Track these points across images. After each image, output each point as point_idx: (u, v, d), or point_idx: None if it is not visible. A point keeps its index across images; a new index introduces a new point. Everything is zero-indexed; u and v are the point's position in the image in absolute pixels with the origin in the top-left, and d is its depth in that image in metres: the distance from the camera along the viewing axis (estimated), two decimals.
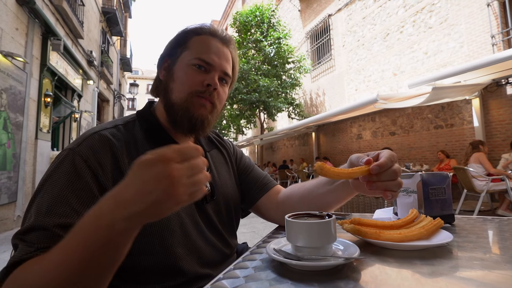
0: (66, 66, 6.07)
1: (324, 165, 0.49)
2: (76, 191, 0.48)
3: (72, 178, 0.49)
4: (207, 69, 0.62)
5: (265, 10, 9.36)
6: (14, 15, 4.14)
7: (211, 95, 0.61)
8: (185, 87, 0.60)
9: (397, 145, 6.67)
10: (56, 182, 0.49)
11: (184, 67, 0.61)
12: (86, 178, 0.50)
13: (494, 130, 4.92)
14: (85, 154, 0.51)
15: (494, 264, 0.41)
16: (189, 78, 0.60)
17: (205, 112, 0.61)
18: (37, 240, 0.43)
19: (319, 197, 0.66)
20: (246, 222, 3.88)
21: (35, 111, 4.75)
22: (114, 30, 10.92)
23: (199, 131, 0.63)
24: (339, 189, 0.62)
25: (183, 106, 0.60)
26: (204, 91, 0.61)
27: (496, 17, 4.78)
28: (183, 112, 0.60)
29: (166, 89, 0.63)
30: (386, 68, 7.00)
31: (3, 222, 3.87)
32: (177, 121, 0.61)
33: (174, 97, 0.61)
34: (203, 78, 0.61)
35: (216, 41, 0.64)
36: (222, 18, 20.96)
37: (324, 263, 0.41)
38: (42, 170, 4.92)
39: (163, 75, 0.65)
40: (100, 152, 0.53)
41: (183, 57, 0.62)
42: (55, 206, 0.46)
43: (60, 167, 0.51)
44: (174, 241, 0.56)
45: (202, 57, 0.61)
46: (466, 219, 0.71)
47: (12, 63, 3.99)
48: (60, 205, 0.46)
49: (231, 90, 0.72)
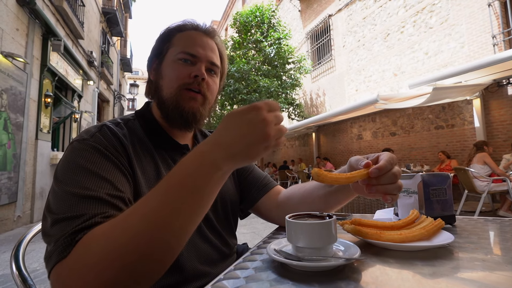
0: (67, 66, 6.08)
1: (321, 171, 0.48)
2: (109, 169, 0.48)
3: (97, 157, 0.49)
4: (193, 62, 0.62)
5: (265, 11, 9.37)
6: (14, 16, 4.14)
7: (200, 86, 0.61)
8: (173, 82, 0.61)
9: (397, 146, 6.66)
10: (86, 162, 0.47)
11: (170, 63, 0.62)
12: (111, 158, 0.50)
13: (495, 131, 4.91)
14: (101, 143, 0.51)
15: (496, 265, 0.41)
16: (176, 72, 0.61)
17: (196, 104, 0.62)
18: (98, 208, 0.42)
19: (319, 198, 0.66)
20: (246, 223, 3.87)
21: (35, 111, 4.75)
22: (114, 30, 10.94)
23: (192, 124, 0.63)
24: (339, 191, 0.62)
25: (173, 101, 0.61)
26: (192, 83, 0.61)
27: (497, 17, 4.78)
28: (174, 106, 0.60)
29: (157, 88, 0.64)
30: (387, 69, 7.00)
31: (3, 222, 3.87)
32: (170, 116, 0.62)
33: (164, 93, 0.62)
34: (190, 70, 0.61)
35: (200, 34, 0.65)
36: (222, 18, 20.99)
37: (324, 264, 0.41)
38: (42, 170, 4.92)
39: (153, 76, 0.66)
40: (114, 142, 0.54)
41: (169, 54, 0.63)
42: (97, 182, 0.45)
43: (81, 152, 0.49)
44: None
45: (186, 50, 0.62)
46: (467, 220, 0.71)
47: (13, 63, 3.99)
48: (102, 181, 0.46)
49: (223, 82, 0.72)
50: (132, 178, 0.53)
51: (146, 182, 0.55)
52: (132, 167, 0.54)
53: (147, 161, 0.58)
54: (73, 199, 0.43)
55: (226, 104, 9.80)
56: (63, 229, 0.40)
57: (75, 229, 0.39)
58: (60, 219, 0.41)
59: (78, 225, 0.40)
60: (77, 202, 0.42)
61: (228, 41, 10.36)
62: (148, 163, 0.58)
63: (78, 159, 0.48)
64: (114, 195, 0.45)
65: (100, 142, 0.51)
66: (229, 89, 8.72)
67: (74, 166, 0.47)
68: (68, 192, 0.44)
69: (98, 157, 0.49)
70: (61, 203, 0.43)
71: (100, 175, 0.46)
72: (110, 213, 0.43)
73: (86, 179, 0.45)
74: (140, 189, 0.53)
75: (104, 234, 0.38)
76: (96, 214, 0.41)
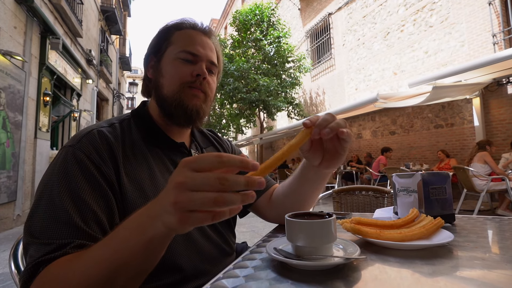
0: (65, 65, 6.06)
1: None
2: (88, 184, 0.49)
3: (77, 173, 0.49)
4: (193, 61, 0.63)
5: (265, 9, 9.33)
6: (12, 14, 4.12)
7: (202, 85, 0.63)
8: (175, 80, 0.61)
9: (397, 145, 6.67)
10: (65, 180, 0.48)
11: (171, 61, 0.62)
12: (92, 171, 0.50)
13: (494, 130, 4.92)
14: (86, 149, 0.52)
15: (495, 264, 0.41)
16: (178, 70, 0.62)
17: (199, 102, 0.63)
18: (69, 236, 0.44)
19: (297, 187, 0.68)
20: (245, 222, 3.88)
21: (34, 110, 4.74)
22: (113, 29, 10.90)
23: (196, 122, 0.64)
24: (308, 172, 0.63)
25: (176, 98, 0.61)
26: (195, 81, 0.62)
27: (497, 16, 4.77)
28: (177, 104, 0.61)
29: (157, 85, 0.64)
30: (387, 67, 6.99)
31: (3, 221, 3.87)
32: (173, 114, 0.62)
33: (166, 91, 0.62)
34: (191, 69, 0.62)
35: (198, 33, 0.65)
36: (222, 17, 20.91)
37: (324, 263, 0.41)
38: (42, 169, 4.91)
39: (151, 73, 0.66)
40: (101, 147, 0.53)
41: (168, 52, 0.63)
42: (73, 203, 0.46)
43: (64, 165, 0.50)
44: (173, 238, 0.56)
45: (188, 49, 0.62)
46: (467, 218, 0.71)
47: (11, 62, 3.97)
48: (78, 201, 0.47)
49: (219, 79, 0.73)
50: (117, 185, 0.53)
51: (134, 186, 0.55)
52: (118, 172, 0.53)
53: (139, 164, 0.57)
54: (48, 221, 0.44)
55: (225, 103, 9.78)
56: (32, 254, 0.43)
57: (41, 259, 0.41)
58: (32, 242, 0.44)
59: (44, 254, 0.42)
60: (50, 225, 0.44)
61: (228, 39, 10.33)
62: (140, 164, 0.58)
63: (60, 171, 0.49)
64: (88, 221, 0.46)
65: (84, 149, 0.51)
66: (229, 88, 8.70)
67: (55, 180, 0.48)
68: (45, 210, 0.45)
69: (78, 171, 0.49)
70: (37, 221, 0.45)
71: (78, 194, 0.47)
72: (81, 242, 0.44)
73: (64, 198, 0.46)
74: (126, 194, 0.53)
75: (58, 277, 0.39)
76: (65, 244, 0.43)
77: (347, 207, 1.37)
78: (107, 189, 0.51)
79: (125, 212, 0.52)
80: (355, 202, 1.36)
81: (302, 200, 0.69)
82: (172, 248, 0.55)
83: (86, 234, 0.45)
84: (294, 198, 0.69)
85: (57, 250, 0.42)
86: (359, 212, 1.32)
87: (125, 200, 0.53)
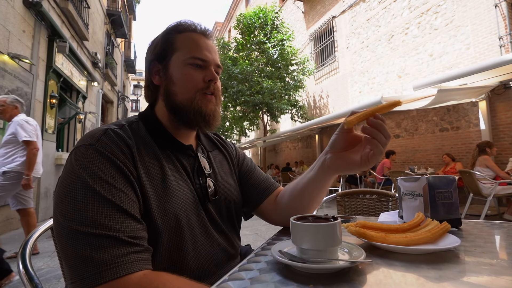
0: (71, 67, 6.15)
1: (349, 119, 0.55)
2: (122, 176, 0.51)
3: (108, 168, 0.50)
4: (203, 66, 0.64)
5: (269, 12, 9.38)
6: (21, 18, 4.21)
7: (213, 89, 0.65)
8: (189, 88, 0.62)
9: (401, 148, 6.61)
10: (96, 175, 0.49)
11: (181, 68, 0.63)
12: (120, 166, 0.52)
13: (501, 133, 4.85)
14: (108, 147, 0.52)
15: (503, 270, 0.41)
16: (190, 78, 0.62)
17: (213, 106, 0.65)
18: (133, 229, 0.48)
19: (303, 188, 0.68)
20: (248, 224, 3.87)
21: (40, 112, 4.81)
22: (119, 32, 11.04)
23: (213, 125, 0.66)
24: (317, 173, 0.64)
25: (193, 106, 0.62)
26: (208, 87, 0.64)
27: (504, 18, 4.73)
28: (195, 111, 0.62)
29: (168, 93, 0.64)
30: (391, 70, 6.96)
31: (9, 221, 3.91)
32: (192, 121, 0.63)
33: (180, 98, 0.62)
34: (203, 75, 0.63)
35: (201, 37, 0.66)
36: (226, 20, 21.07)
37: (329, 266, 0.41)
38: (47, 170, 4.97)
39: (157, 80, 0.65)
40: (121, 145, 0.54)
41: (175, 59, 0.63)
42: (112, 215, 0.48)
43: (89, 162, 0.50)
44: (181, 238, 0.57)
45: (196, 55, 0.63)
46: (473, 223, 0.70)
47: (19, 64, 4.05)
48: (117, 213, 0.48)
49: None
50: (138, 182, 0.54)
51: (150, 184, 0.55)
52: (137, 169, 0.54)
53: (152, 163, 0.58)
54: (87, 251, 0.44)
55: (229, 105, 9.81)
56: (106, 246, 0.45)
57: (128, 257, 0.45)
58: (101, 234, 0.45)
59: (130, 253, 0.46)
60: (93, 255, 0.44)
61: (232, 42, 10.39)
62: (153, 164, 0.58)
63: (87, 168, 0.49)
64: (132, 236, 0.48)
65: (106, 147, 0.52)
66: (232, 90, 8.73)
67: (82, 188, 0.47)
68: (81, 233, 0.45)
69: (107, 166, 0.50)
70: (74, 261, 0.44)
71: (113, 202, 0.48)
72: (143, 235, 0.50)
73: (100, 211, 0.47)
74: (146, 192, 0.54)
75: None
76: (138, 237, 0.49)
77: (351, 211, 1.36)
78: (134, 182, 0.52)
79: (145, 209, 0.53)
80: (359, 205, 1.36)
81: (309, 201, 0.69)
82: (181, 247, 0.56)
83: (135, 251, 0.48)
84: (301, 199, 0.69)
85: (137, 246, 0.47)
86: (363, 215, 1.31)
87: (144, 196, 0.54)
